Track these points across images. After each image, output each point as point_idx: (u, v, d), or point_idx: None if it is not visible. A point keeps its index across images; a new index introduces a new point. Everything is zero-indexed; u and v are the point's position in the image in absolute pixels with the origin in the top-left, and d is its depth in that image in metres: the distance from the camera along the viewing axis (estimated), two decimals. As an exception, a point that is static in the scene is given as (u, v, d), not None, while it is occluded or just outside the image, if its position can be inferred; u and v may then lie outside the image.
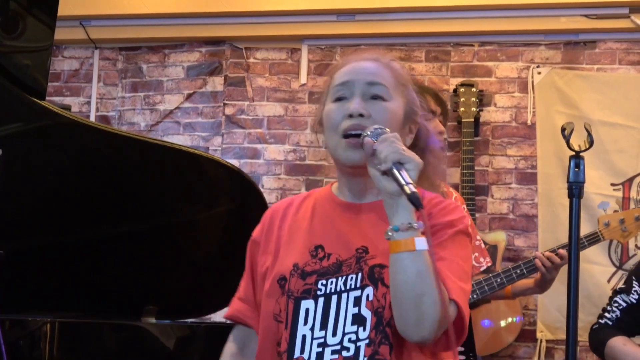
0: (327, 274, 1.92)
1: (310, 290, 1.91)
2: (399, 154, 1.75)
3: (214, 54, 5.35)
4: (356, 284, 1.88)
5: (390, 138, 1.80)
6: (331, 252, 1.94)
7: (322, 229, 1.99)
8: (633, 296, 3.23)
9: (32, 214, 2.98)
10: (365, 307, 1.86)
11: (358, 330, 1.85)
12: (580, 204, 2.14)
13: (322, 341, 1.87)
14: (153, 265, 3.20)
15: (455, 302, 1.80)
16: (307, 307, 1.90)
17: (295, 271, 1.94)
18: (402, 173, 1.73)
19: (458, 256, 1.89)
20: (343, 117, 1.93)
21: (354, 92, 1.96)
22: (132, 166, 3.06)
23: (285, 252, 2.00)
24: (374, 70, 1.99)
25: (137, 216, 3.15)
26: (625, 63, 4.87)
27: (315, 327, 1.88)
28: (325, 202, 2.06)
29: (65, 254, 3.08)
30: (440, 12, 5.01)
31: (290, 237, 2.03)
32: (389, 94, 1.97)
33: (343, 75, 2.00)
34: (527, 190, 4.93)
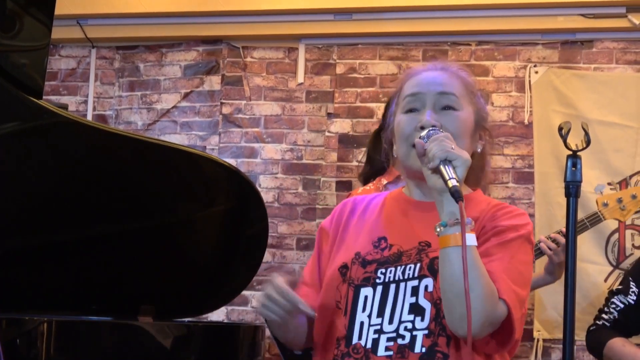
0: (387, 262, 1.95)
1: (369, 278, 1.95)
2: (445, 152, 1.80)
3: (211, 53, 5.35)
4: (414, 274, 1.91)
5: (440, 137, 1.84)
6: (393, 243, 1.98)
7: (387, 223, 2.04)
8: (631, 297, 3.22)
9: (29, 213, 2.97)
10: (423, 298, 1.88)
11: (415, 319, 1.88)
12: (577, 203, 2.14)
13: (379, 328, 1.90)
14: (150, 264, 3.20)
15: (505, 302, 1.82)
16: (366, 295, 1.94)
17: (356, 259, 1.98)
18: (449, 169, 1.78)
19: (517, 260, 1.91)
20: (415, 129, 1.97)
21: (425, 104, 2.00)
22: (129, 165, 3.06)
23: (350, 242, 2.05)
24: (443, 81, 2.04)
25: (134, 215, 3.15)
26: (623, 62, 4.88)
27: (373, 314, 1.92)
28: (395, 200, 2.10)
29: (62, 253, 3.08)
30: (438, 11, 5.01)
31: (356, 229, 2.07)
32: (459, 103, 2.02)
33: (413, 86, 2.05)
34: (524, 190, 4.93)
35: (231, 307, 5.00)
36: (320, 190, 5.12)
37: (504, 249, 1.89)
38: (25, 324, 2.71)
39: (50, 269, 3.08)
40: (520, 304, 1.87)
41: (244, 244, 3.39)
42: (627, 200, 3.63)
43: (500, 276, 1.84)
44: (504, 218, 1.96)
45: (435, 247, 1.88)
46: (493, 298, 1.79)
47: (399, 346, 1.87)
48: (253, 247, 3.38)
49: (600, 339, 3.23)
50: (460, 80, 2.07)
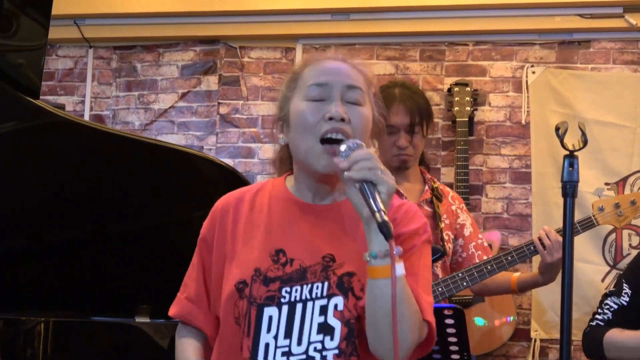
0: (291, 280, 1.87)
1: (273, 297, 1.86)
2: (374, 173, 1.71)
3: (208, 53, 5.34)
4: (322, 293, 1.84)
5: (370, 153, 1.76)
6: (294, 257, 1.89)
7: (282, 232, 1.93)
8: (624, 298, 3.22)
9: (25, 213, 2.97)
10: (333, 317, 1.83)
11: (324, 339, 1.82)
12: (574, 203, 2.15)
13: (287, 350, 1.83)
14: (147, 264, 3.20)
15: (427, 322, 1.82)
16: (270, 315, 1.85)
17: (257, 276, 1.89)
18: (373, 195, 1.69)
19: (423, 268, 1.88)
20: (321, 120, 1.88)
21: (332, 95, 1.91)
22: (126, 165, 3.06)
23: (244, 255, 1.94)
24: (350, 73, 1.95)
25: (132, 215, 3.15)
26: (620, 62, 4.88)
27: (279, 336, 1.84)
28: (282, 201, 1.99)
29: (58, 253, 3.07)
30: (435, 11, 5.01)
31: (247, 237, 1.96)
32: (364, 98, 1.94)
33: (319, 74, 1.95)
34: (521, 190, 4.93)
35: (228, 307, 5.00)
36: (318, 190, 5.12)
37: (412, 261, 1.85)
38: (23, 324, 2.71)
39: (47, 269, 3.08)
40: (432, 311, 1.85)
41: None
42: (626, 206, 3.52)
43: (418, 293, 1.81)
44: (404, 222, 1.90)
45: (341, 261, 1.84)
46: (419, 322, 1.78)
47: None
48: (250, 247, 3.37)
49: (596, 336, 3.22)
50: (363, 75, 1.98)
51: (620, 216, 3.47)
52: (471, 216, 3.53)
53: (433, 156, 5.00)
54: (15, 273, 3.00)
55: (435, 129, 5.02)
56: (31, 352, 2.68)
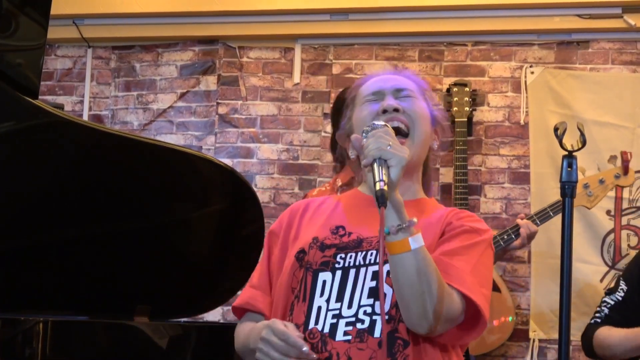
0: (347, 248, 1.92)
1: (328, 262, 1.92)
2: (380, 150, 1.76)
3: (207, 53, 5.34)
4: (376, 259, 1.89)
5: (378, 133, 1.80)
6: (352, 231, 1.96)
7: (345, 214, 2.02)
8: (619, 294, 3.24)
9: (24, 213, 2.97)
10: (385, 283, 1.85)
11: (375, 304, 1.85)
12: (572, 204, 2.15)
13: (337, 312, 1.86)
14: (146, 264, 3.20)
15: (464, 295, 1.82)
16: (324, 279, 1.90)
17: (314, 243, 1.95)
18: (381, 169, 1.73)
19: (482, 263, 1.91)
20: (377, 114, 1.98)
21: (384, 97, 2.03)
22: (125, 165, 3.06)
23: (305, 231, 2.02)
24: (399, 79, 2.10)
25: (130, 215, 3.15)
26: (618, 63, 4.88)
27: (331, 299, 1.88)
28: (351, 198, 2.09)
29: (57, 253, 3.07)
30: (434, 11, 5.02)
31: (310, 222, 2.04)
32: (415, 95, 2.06)
33: (371, 86, 2.08)
34: (520, 190, 4.93)
35: (227, 307, 5.00)
36: (317, 190, 5.12)
37: (470, 251, 1.90)
38: (21, 324, 2.71)
39: (46, 269, 3.08)
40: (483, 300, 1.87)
41: (239, 244, 3.38)
42: (595, 185, 3.50)
43: (466, 275, 1.84)
44: (468, 220, 1.98)
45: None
46: (446, 295, 1.80)
47: (358, 330, 1.84)
48: (249, 247, 3.37)
49: (589, 334, 3.25)
50: (413, 82, 2.12)
51: (591, 196, 3.48)
52: None
53: (432, 156, 4.99)
54: (13, 273, 3.00)
55: (434, 129, 5.02)
56: (30, 352, 2.68)
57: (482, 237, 1.95)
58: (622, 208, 4.73)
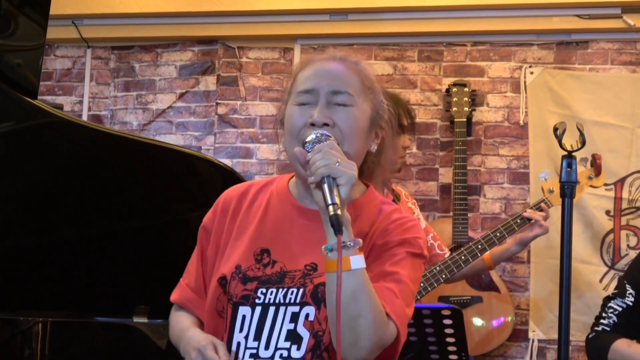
0: (269, 282, 1.86)
1: (249, 296, 1.86)
2: (328, 168, 1.70)
3: (206, 53, 5.34)
4: (296, 299, 1.83)
5: (324, 148, 1.74)
6: (277, 259, 1.88)
7: (272, 232, 1.92)
8: (628, 299, 3.20)
9: (23, 212, 2.97)
10: (302, 326, 1.81)
11: (291, 347, 1.81)
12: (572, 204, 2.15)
13: (255, 352, 1.83)
14: (144, 264, 3.20)
15: (396, 325, 1.76)
16: (244, 314, 1.86)
17: (237, 274, 1.89)
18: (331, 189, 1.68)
19: (409, 278, 1.83)
20: (305, 125, 1.85)
21: (317, 100, 1.87)
22: (124, 165, 3.06)
23: (231, 250, 1.94)
24: (339, 75, 1.91)
25: (129, 215, 3.15)
26: (618, 63, 4.88)
27: (250, 336, 1.84)
28: (280, 201, 1.97)
29: (56, 253, 3.07)
30: (433, 11, 5.02)
31: (239, 231, 1.96)
32: (354, 100, 1.89)
33: (307, 79, 1.92)
34: (519, 190, 4.93)
35: (226, 307, 5.00)
36: (316, 190, 5.12)
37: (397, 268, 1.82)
38: (20, 324, 2.71)
39: (44, 269, 3.08)
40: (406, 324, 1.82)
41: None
42: None
43: (394, 299, 1.77)
44: (396, 232, 1.87)
45: (321, 271, 1.81)
46: (382, 321, 1.73)
47: None
48: (248, 247, 3.37)
49: (603, 343, 3.18)
50: (357, 76, 1.94)
51: None
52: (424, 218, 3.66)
53: (431, 156, 5.00)
54: (12, 273, 3.00)
55: (434, 129, 5.02)
56: (29, 352, 2.68)
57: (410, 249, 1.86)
58: (622, 208, 4.73)
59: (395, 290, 1.78)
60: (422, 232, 1.93)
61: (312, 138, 1.79)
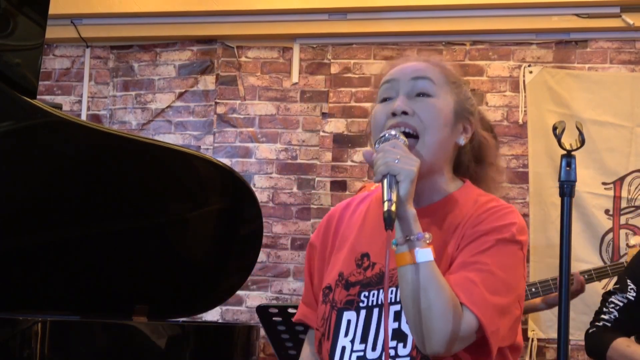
0: (370, 285, 1.88)
1: (353, 301, 1.89)
2: (387, 166, 1.71)
3: (205, 53, 5.34)
4: (396, 298, 1.82)
5: (386, 147, 1.75)
6: (376, 261, 1.89)
7: (371, 236, 1.94)
8: (630, 294, 3.19)
9: (22, 212, 2.97)
10: (406, 323, 1.79)
11: (397, 346, 1.81)
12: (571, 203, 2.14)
13: (362, 354, 1.84)
14: (144, 264, 3.20)
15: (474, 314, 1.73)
16: (349, 319, 1.88)
17: (340, 281, 1.92)
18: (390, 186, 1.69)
19: (497, 266, 1.79)
20: (387, 117, 1.87)
21: (398, 91, 1.90)
22: (123, 165, 3.06)
23: (335, 261, 1.98)
24: (420, 67, 1.94)
25: (128, 215, 3.15)
26: (617, 62, 4.88)
27: (356, 340, 1.86)
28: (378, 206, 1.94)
29: (55, 253, 3.07)
30: (432, 11, 5.02)
31: (340, 244, 1.99)
32: (434, 90, 1.90)
33: (389, 74, 1.97)
34: (518, 189, 4.93)
35: (226, 307, 5.00)
36: (315, 190, 5.12)
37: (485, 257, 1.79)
38: (19, 324, 2.71)
39: (43, 269, 3.08)
40: (499, 314, 1.77)
41: (238, 244, 3.38)
42: None
43: (472, 287, 1.75)
44: (489, 220, 1.86)
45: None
46: (455, 312, 1.71)
47: None
48: (247, 246, 3.37)
49: (602, 340, 3.17)
50: (440, 69, 1.95)
51: None
52: None
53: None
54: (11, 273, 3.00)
55: (433, 128, 5.03)
56: (28, 352, 2.68)
57: (500, 236, 1.83)
58: (621, 207, 4.74)
59: (475, 279, 1.76)
60: (520, 218, 1.91)
61: (382, 138, 1.80)
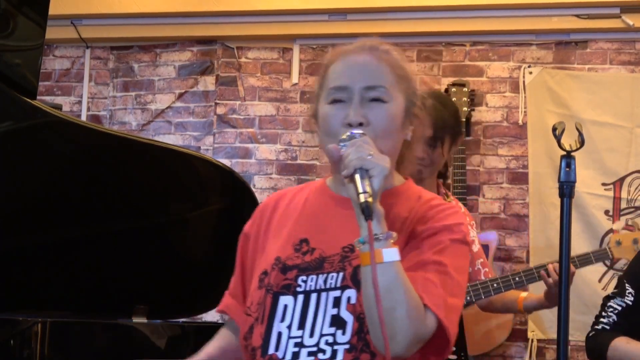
0: (308, 269, 1.85)
1: (290, 285, 1.85)
2: (361, 160, 1.69)
3: (205, 54, 5.34)
4: (336, 284, 1.81)
5: (358, 142, 1.74)
6: (315, 247, 1.87)
7: (309, 222, 1.92)
8: (628, 298, 3.20)
9: (22, 213, 2.97)
10: (345, 310, 1.78)
11: (336, 333, 1.77)
12: (571, 204, 2.14)
13: (299, 341, 1.80)
14: (144, 264, 3.20)
15: (435, 315, 1.72)
16: (285, 304, 1.84)
17: (276, 264, 1.88)
18: (363, 181, 1.67)
19: (453, 268, 1.78)
20: (342, 125, 1.84)
21: (351, 98, 1.86)
22: (123, 165, 3.06)
23: (271, 245, 1.94)
24: (371, 69, 1.91)
25: (128, 215, 3.15)
26: (616, 63, 4.88)
27: (293, 326, 1.81)
28: (318, 195, 1.98)
29: (55, 253, 3.07)
30: (432, 11, 5.02)
31: (278, 229, 1.96)
32: (388, 94, 1.88)
33: (339, 76, 1.92)
34: (518, 190, 4.93)
35: (225, 307, 5.00)
36: (315, 190, 5.12)
37: (439, 256, 1.78)
38: (19, 325, 2.71)
39: (43, 269, 3.08)
40: (456, 315, 1.77)
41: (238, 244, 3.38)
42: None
43: (434, 289, 1.73)
44: (436, 219, 1.84)
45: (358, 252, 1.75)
46: (419, 314, 1.69)
47: None
48: (247, 247, 3.37)
49: (602, 342, 3.18)
50: (390, 67, 1.93)
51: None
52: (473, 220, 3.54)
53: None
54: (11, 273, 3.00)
55: (433, 129, 5.02)
56: (28, 353, 2.68)
57: (453, 236, 1.81)
58: (621, 208, 4.74)
59: (435, 280, 1.74)
60: (465, 219, 1.90)
61: (347, 136, 1.78)
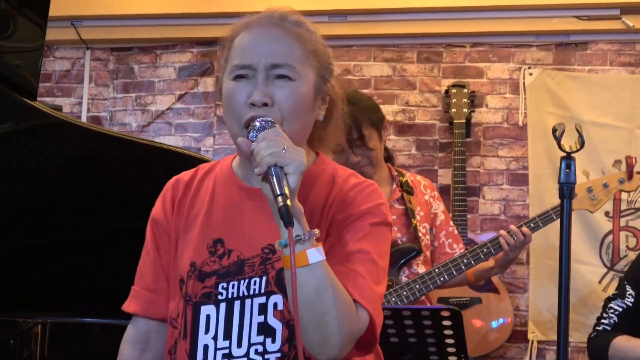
0: (228, 275, 1.72)
1: (210, 294, 1.73)
2: (275, 156, 1.55)
3: (205, 55, 5.34)
4: (260, 290, 1.69)
5: (268, 136, 1.60)
6: (232, 248, 1.74)
7: (222, 220, 1.78)
8: (628, 299, 3.21)
9: (21, 214, 2.97)
10: (272, 317, 1.69)
11: (265, 341, 1.68)
12: (571, 205, 2.15)
13: (227, 352, 1.70)
14: (144, 265, 3.19)
15: (367, 310, 1.63)
16: (207, 314, 1.73)
17: (192, 272, 1.75)
18: (279, 180, 1.54)
19: (376, 254, 1.69)
20: (245, 104, 1.69)
21: (256, 75, 1.71)
22: (123, 167, 3.06)
23: (183, 247, 1.81)
24: (278, 45, 1.73)
25: (128, 216, 3.14)
26: (617, 64, 4.89)
27: (219, 336, 1.71)
28: (226, 184, 1.82)
29: (55, 254, 3.07)
30: (432, 13, 5.02)
31: (188, 225, 1.82)
32: (296, 72, 1.72)
33: (243, 50, 1.74)
34: (518, 191, 4.94)
35: (225, 308, 5.00)
36: (315, 191, 5.12)
37: (362, 244, 1.67)
38: (19, 325, 2.71)
39: (43, 270, 3.08)
40: (380, 303, 1.69)
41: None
42: (599, 189, 3.42)
43: (361, 281, 1.64)
44: (355, 204, 1.71)
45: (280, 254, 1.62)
46: (351, 314, 1.60)
47: None
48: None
49: (603, 341, 3.20)
50: (298, 41, 1.75)
51: (594, 200, 3.42)
52: (443, 203, 3.49)
53: (430, 158, 5.00)
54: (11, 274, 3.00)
55: (433, 130, 5.03)
56: (28, 354, 2.68)
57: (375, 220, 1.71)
58: (621, 209, 4.74)
59: (361, 270, 1.65)
60: (383, 196, 1.77)
61: (257, 126, 1.64)
